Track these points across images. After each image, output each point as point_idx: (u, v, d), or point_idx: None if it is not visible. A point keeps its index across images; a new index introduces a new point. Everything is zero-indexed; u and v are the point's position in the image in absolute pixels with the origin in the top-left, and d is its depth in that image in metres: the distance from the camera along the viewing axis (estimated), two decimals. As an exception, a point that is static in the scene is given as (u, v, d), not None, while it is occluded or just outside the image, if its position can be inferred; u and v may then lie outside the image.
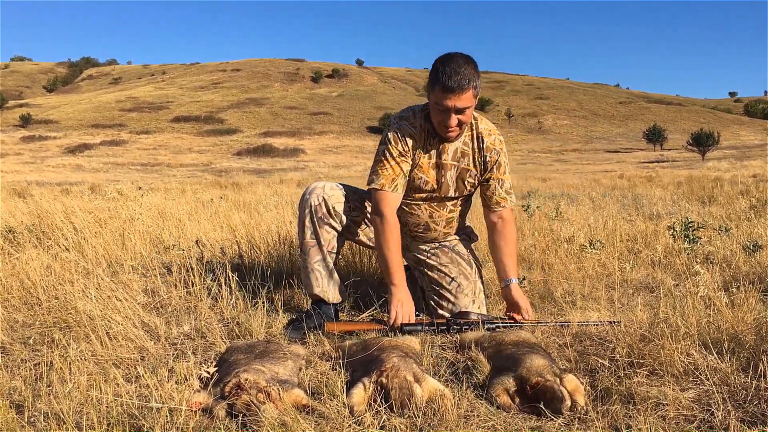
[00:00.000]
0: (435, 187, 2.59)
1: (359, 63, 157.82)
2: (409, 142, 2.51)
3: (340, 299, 2.64)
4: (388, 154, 2.51)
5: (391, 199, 2.51)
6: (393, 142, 2.50)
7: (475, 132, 2.57)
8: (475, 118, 2.58)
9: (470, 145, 2.57)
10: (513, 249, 2.63)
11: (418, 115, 2.54)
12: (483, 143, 2.56)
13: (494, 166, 2.59)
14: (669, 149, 61.48)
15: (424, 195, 2.62)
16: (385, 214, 2.48)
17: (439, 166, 2.56)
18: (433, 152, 2.54)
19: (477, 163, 2.58)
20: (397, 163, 2.50)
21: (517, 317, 2.49)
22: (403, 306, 2.42)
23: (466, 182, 2.60)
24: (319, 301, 2.59)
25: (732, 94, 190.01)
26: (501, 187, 2.62)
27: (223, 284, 2.71)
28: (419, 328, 2.38)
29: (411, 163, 2.54)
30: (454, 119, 2.38)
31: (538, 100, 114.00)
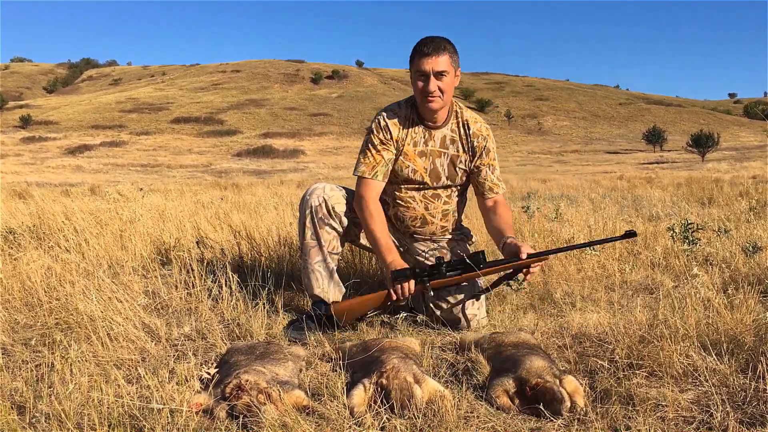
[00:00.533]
0: (424, 175, 2.64)
1: (359, 64, 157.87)
2: (392, 130, 2.59)
3: (340, 299, 2.65)
4: (370, 144, 2.61)
5: (371, 185, 2.58)
6: (375, 132, 2.61)
7: (461, 120, 2.66)
8: (460, 107, 2.69)
9: (458, 132, 2.65)
10: (509, 220, 2.65)
11: (403, 105, 2.65)
12: (469, 129, 2.66)
13: (483, 152, 2.67)
14: (669, 150, 61.49)
15: (415, 186, 2.66)
16: (364, 197, 2.56)
17: (426, 154, 2.63)
18: (419, 140, 2.62)
19: (466, 148, 2.66)
20: (378, 152, 2.59)
21: (522, 256, 2.40)
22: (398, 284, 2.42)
23: (457, 168, 2.66)
24: (319, 302, 2.60)
25: (731, 95, 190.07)
26: (492, 173, 2.69)
27: (223, 285, 2.72)
28: (407, 273, 2.38)
29: (394, 151, 2.61)
30: (433, 83, 2.47)
31: (538, 101, 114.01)
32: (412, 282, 2.39)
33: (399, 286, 2.37)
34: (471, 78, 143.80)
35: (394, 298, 2.40)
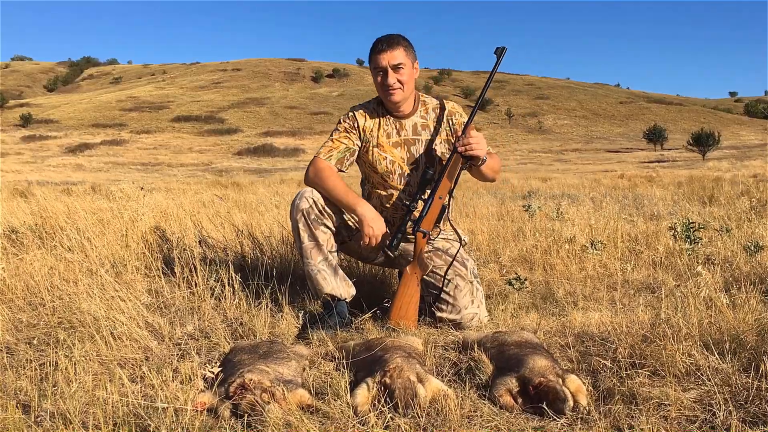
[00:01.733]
0: (402, 165, 2.69)
1: (360, 63, 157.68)
2: (359, 119, 2.69)
3: (353, 292, 2.66)
4: (335, 132, 2.72)
5: (323, 164, 2.64)
6: (342, 121, 2.72)
7: (430, 106, 2.76)
8: (426, 97, 2.80)
9: (428, 118, 2.73)
10: (493, 165, 2.67)
11: (372, 102, 2.77)
12: (444, 110, 2.76)
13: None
14: (669, 149, 61.44)
15: (398, 179, 2.69)
16: (309, 167, 2.65)
17: (401, 144, 2.69)
18: (392, 131, 2.70)
19: (443, 128, 2.73)
20: (339, 138, 2.68)
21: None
22: (374, 228, 2.51)
23: (434, 151, 2.71)
24: (330, 301, 2.60)
25: (732, 93, 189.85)
26: None
27: (226, 284, 2.72)
28: (393, 243, 2.52)
29: (358, 142, 2.69)
30: (392, 77, 2.57)
31: (539, 99, 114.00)
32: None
33: (375, 234, 2.51)
34: (471, 77, 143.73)
35: (367, 242, 2.51)
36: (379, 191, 2.74)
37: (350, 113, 2.73)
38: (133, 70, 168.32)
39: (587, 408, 1.73)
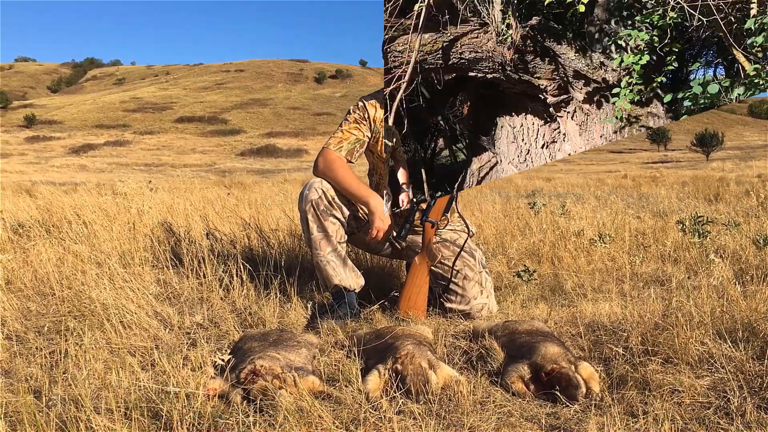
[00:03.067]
0: None
1: (363, 63, 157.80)
2: (369, 110, 2.64)
3: (362, 283, 2.64)
4: (344, 122, 2.67)
5: (333, 156, 2.60)
6: (352, 112, 2.67)
7: None
8: None
9: None
10: None
11: (382, 92, 2.69)
12: None
13: None
14: (673, 150, 61.31)
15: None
16: (318, 158, 2.62)
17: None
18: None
19: None
20: (349, 129, 2.63)
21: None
22: (384, 222, 2.50)
23: None
24: (340, 292, 2.59)
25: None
26: None
27: (234, 275, 2.72)
28: (403, 231, 2.52)
29: (368, 133, 2.64)
30: None
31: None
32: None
33: (384, 227, 2.49)
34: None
35: (374, 235, 2.48)
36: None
37: (360, 103, 2.68)
38: (136, 71, 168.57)
39: (600, 395, 1.72)
